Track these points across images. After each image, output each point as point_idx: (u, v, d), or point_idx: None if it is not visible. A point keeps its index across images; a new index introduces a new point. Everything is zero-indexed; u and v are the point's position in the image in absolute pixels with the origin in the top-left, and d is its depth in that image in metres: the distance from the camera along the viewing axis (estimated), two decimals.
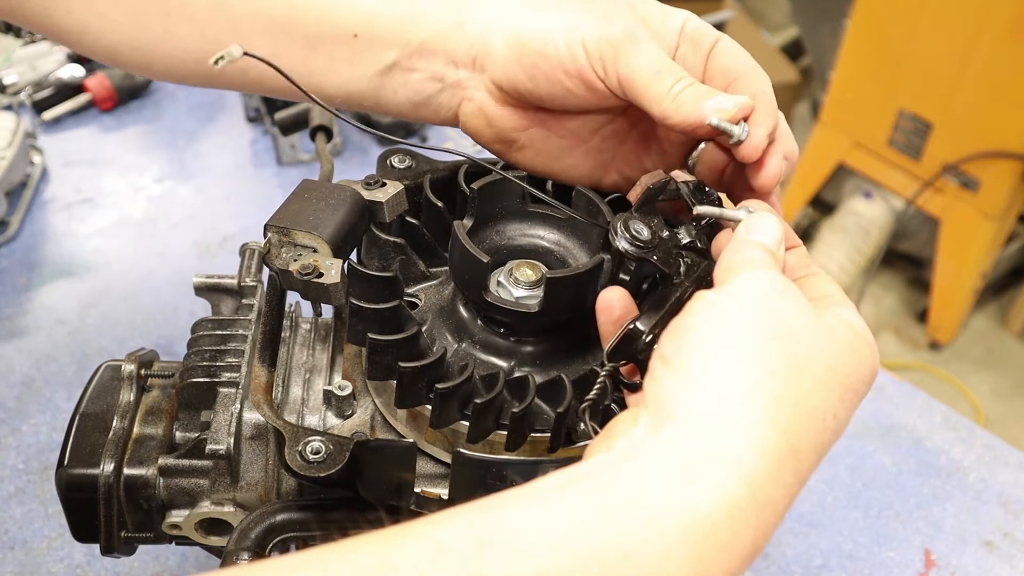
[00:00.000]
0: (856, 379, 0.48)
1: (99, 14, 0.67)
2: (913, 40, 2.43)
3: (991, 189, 2.43)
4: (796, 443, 0.43)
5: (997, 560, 0.96)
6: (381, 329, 0.59)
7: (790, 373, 0.45)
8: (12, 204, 1.27)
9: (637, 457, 0.42)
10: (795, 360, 0.45)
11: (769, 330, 0.45)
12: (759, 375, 0.44)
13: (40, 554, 0.89)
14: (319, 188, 0.63)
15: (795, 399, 0.44)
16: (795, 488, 0.44)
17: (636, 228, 0.55)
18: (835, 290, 0.53)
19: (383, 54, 0.66)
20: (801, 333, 0.46)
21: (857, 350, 0.48)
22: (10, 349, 1.09)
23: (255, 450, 0.65)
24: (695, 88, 0.58)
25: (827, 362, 0.46)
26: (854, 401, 0.48)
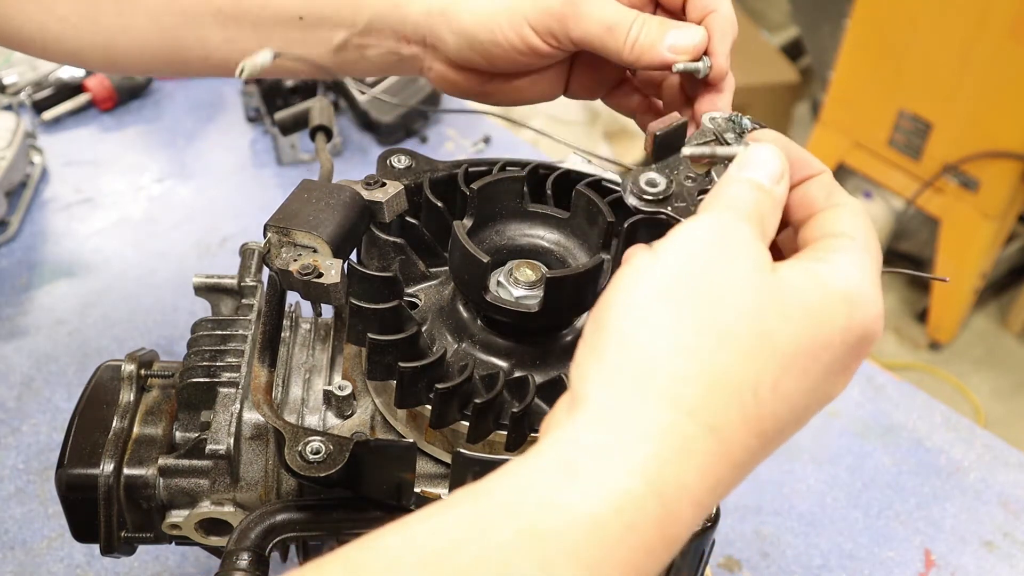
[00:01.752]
0: (811, 343, 0.42)
1: (58, 17, 0.69)
2: (913, 40, 2.43)
3: (991, 189, 2.43)
4: (711, 421, 0.39)
5: (997, 560, 0.96)
6: (381, 329, 0.59)
7: (704, 344, 0.40)
8: (12, 204, 1.27)
9: (525, 458, 0.39)
10: (714, 329, 0.40)
11: (687, 297, 0.41)
12: (665, 352, 0.40)
13: (40, 554, 0.89)
14: (319, 188, 0.63)
15: (710, 374, 0.40)
16: (717, 467, 0.40)
17: (649, 180, 0.50)
18: (850, 225, 0.46)
19: (332, 34, 0.68)
20: (729, 295, 0.41)
21: (817, 309, 0.42)
22: (10, 349, 1.09)
23: (255, 450, 0.65)
24: (648, 30, 0.59)
25: (760, 329, 0.41)
26: (812, 367, 0.42)
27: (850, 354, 0.43)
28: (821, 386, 0.43)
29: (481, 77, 0.68)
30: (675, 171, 0.51)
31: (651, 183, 0.50)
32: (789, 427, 0.43)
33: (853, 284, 0.43)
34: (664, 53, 0.58)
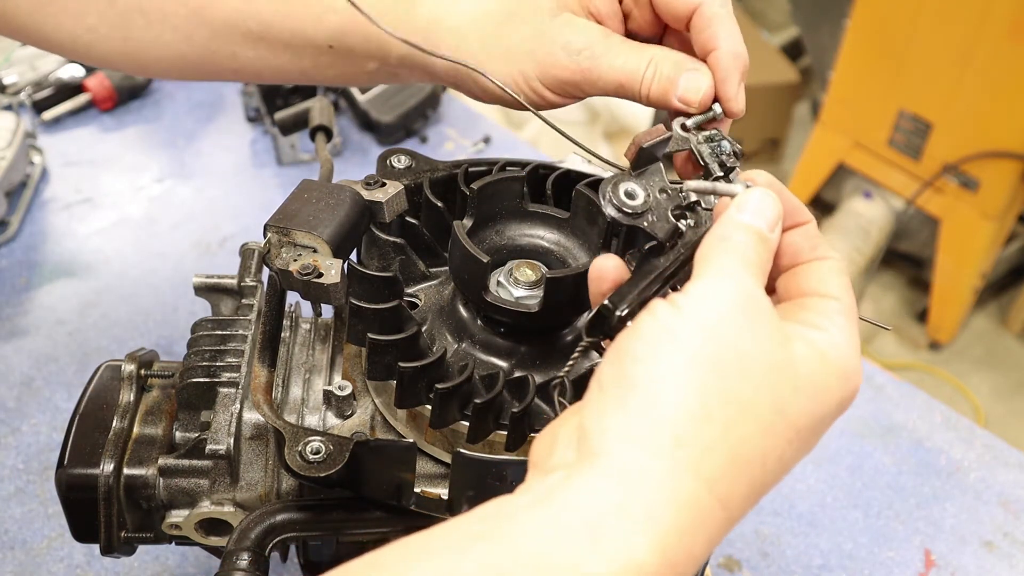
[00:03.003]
0: (812, 417, 0.44)
1: (87, 27, 0.69)
2: (913, 40, 2.43)
3: (991, 189, 2.43)
4: (725, 494, 0.40)
5: (997, 560, 0.96)
6: (381, 329, 0.59)
7: (728, 416, 0.41)
8: (12, 204, 1.27)
9: (549, 505, 0.39)
10: (738, 401, 0.41)
11: (715, 363, 0.41)
12: (691, 418, 0.40)
13: (40, 554, 0.89)
14: (319, 188, 0.63)
15: (730, 446, 0.40)
16: (719, 536, 0.41)
17: (628, 190, 0.50)
18: (835, 285, 0.47)
19: (364, 64, 0.68)
20: (752, 367, 0.42)
21: (821, 384, 0.44)
22: (10, 349, 1.09)
23: (255, 450, 0.65)
24: (660, 77, 0.58)
25: (777, 404, 0.42)
26: (810, 439, 0.44)
27: (835, 419, 0.46)
28: (805, 451, 0.45)
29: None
30: (651, 182, 0.51)
31: (630, 195, 0.50)
32: (767, 492, 0.45)
33: (847, 357, 0.45)
34: (675, 103, 0.58)
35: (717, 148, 0.55)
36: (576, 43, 0.60)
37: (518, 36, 0.61)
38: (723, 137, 0.56)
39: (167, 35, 0.69)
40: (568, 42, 0.60)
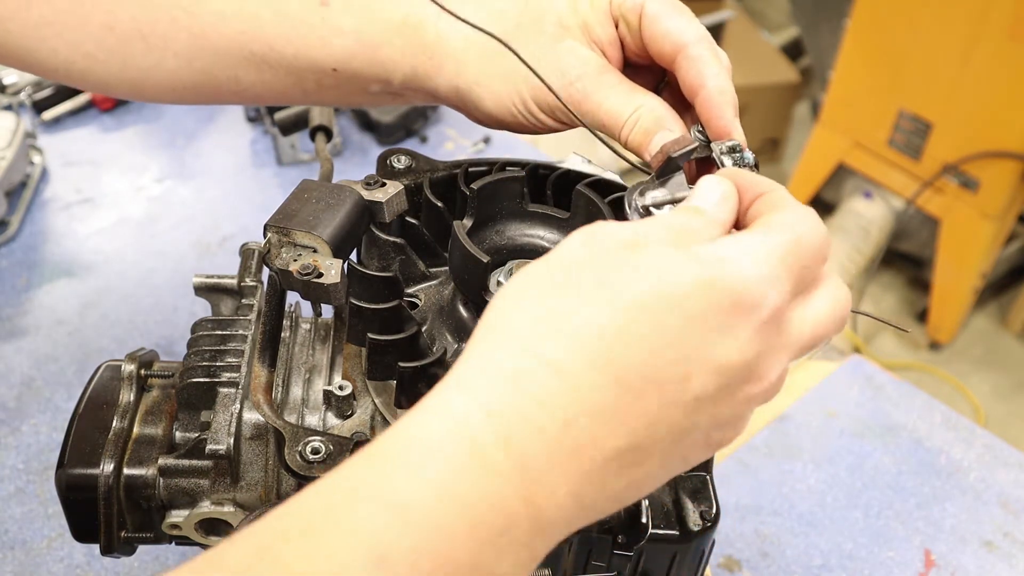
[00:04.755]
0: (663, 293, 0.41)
1: (84, 54, 0.68)
2: (913, 40, 2.43)
3: (991, 189, 2.43)
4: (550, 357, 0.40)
5: (997, 560, 0.96)
6: (381, 329, 0.59)
7: (548, 295, 0.42)
8: (12, 204, 1.27)
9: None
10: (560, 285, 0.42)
11: (547, 273, 0.43)
12: (518, 313, 0.42)
13: (40, 554, 0.89)
14: (319, 188, 0.63)
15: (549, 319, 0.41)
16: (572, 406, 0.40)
17: (653, 196, 0.52)
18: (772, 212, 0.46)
19: (367, 86, 0.68)
20: (582, 261, 0.43)
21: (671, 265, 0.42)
22: (10, 349, 1.09)
23: (255, 450, 0.65)
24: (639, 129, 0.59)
25: (602, 278, 0.42)
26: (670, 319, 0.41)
27: (723, 313, 0.42)
28: (691, 339, 0.41)
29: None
30: (675, 190, 0.52)
31: (657, 205, 0.51)
32: (666, 380, 0.41)
33: (716, 248, 0.43)
34: (647, 158, 0.59)
35: (740, 159, 0.56)
36: (571, 72, 0.60)
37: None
38: (744, 149, 0.56)
39: (168, 61, 0.68)
40: (564, 71, 0.60)
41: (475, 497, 0.38)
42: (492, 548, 0.38)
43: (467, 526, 0.38)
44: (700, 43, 0.58)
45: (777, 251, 0.44)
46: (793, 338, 0.45)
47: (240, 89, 0.70)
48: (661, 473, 0.44)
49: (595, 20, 0.61)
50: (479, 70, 0.63)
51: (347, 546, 0.37)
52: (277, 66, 0.67)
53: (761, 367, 0.44)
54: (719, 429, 0.45)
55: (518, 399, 0.40)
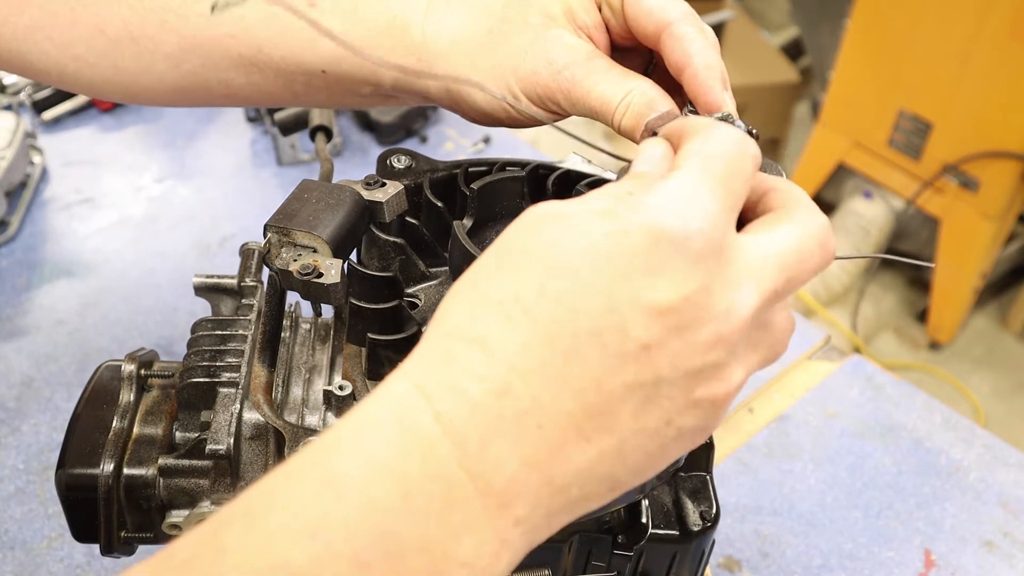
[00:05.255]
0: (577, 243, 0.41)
1: (74, 56, 0.68)
2: (913, 40, 2.43)
3: (991, 189, 2.43)
4: (473, 334, 0.40)
5: (997, 560, 0.96)
6: (381, 329, 0.59)
7: (471, 275, 0.43)
8: (12, 204, 1.27)
9: None
10: (484, 262, 0.43)
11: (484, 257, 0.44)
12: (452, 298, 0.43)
13: (40, 554, 0.89)
14: (319, 188, 0.63)
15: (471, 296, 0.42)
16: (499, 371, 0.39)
17: None
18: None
19: (358, 88, 0.68)
20: (510, 234, 0.43)
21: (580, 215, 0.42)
22: (10, 349, 1.09)
23: (255, 450, 0.65)
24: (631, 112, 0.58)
25: (522, 245, 0.42)
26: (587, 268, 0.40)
27: (644, 252, 0.40)
28: (616, 286, 0.40)
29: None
30: None
31: None
32: (600, 331, 0.39)
33: (635, 203, 0.41)
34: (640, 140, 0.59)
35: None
36: (559, 61, 0.59)
37: (503, 52, 0.61)
38: (735, 119, 0.54)
39: (159, 64, 0.68)
40: (551, 60, 0.60)
41: (407, 468, 0.38)
42: (439, 524, 0.37)
43: (400, 497, 0.37)
44: (684, 20, 0.57)
45: (690, 179, 0.42)
46: (751, 267, 0.42)
47: (230, 92, 0.70)
48: (645, 442, 0.41)
49: (579, 6, 0.61)
50: (467, 65, 0.63)
51: (281, 523, 0.37)
52: (266, 68, 0.67)
53: (714, 302, 0.40)
54: (697, 381, 0.41)
55: (448, 374, 0.39)
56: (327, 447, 0.39)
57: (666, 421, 0.41)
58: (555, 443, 0.39)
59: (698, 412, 0.42)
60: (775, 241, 0.44)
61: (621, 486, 0.42)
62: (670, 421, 0.41)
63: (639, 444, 0.41)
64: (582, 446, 0.40)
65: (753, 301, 0.42)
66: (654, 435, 0.41)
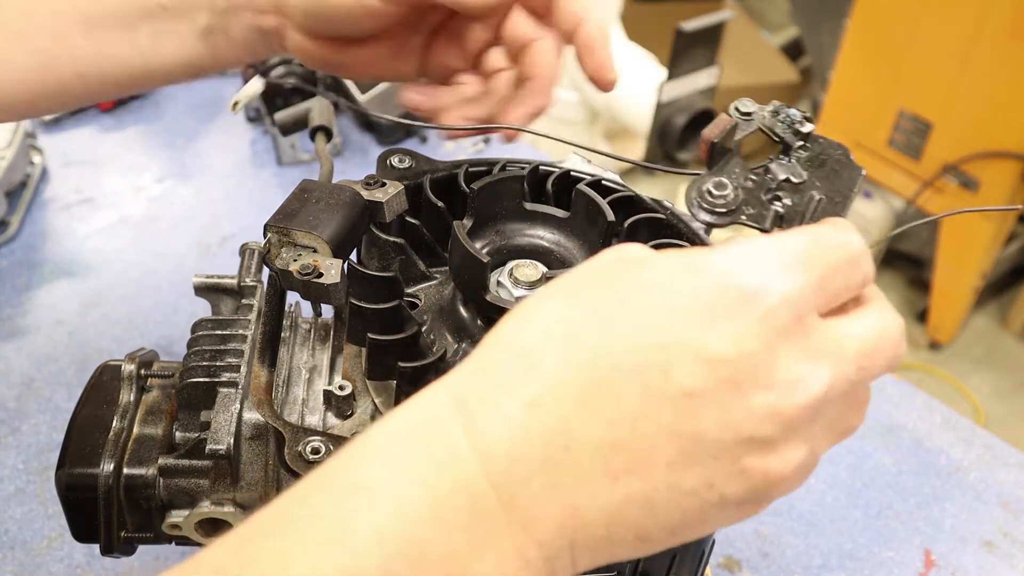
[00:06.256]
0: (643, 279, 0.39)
1: None
2: (913, 40, 2.43)
3: (991, 189, 2.43)
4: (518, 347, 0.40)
5: (997, 560, 0.96)
6: (381, 329, 0.59)
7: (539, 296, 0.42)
8: (12, 204, 1.27)
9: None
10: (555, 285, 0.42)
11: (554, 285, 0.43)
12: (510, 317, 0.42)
13: (40, 554, 0.89)
14: (319, 188, 0.63)
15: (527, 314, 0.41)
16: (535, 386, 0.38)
17: (713, 188, 0.47)
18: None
19: (196, 19, 0.69)
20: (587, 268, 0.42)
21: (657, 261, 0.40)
22: (10, 349, 1.09)
23: (255, 450, 0.65)
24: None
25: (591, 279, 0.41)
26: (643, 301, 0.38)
27: (711, 296, 0.38)
28: (671, 324, 0.38)
29: (335, 46, 0.70)
30: (732, 174, 0.48)
31: (720, 187, 0.47)
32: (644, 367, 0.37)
33: (717, 248, 0.40)
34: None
35: (787, 119, 0.52)
36: None
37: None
38: (788, 106, 0.52)
39: (10, 47, 0.68)
40: None
41: (436, 477, 0.37)
42: (465, 536, 0.37)
43: (429, 506, 0.37)
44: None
45: (788, 247, 0.39)
46: (829, 347, 0.39)
47: (81, 70, 0.70)
48: (680, 500, 0.38)
49: None
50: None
51: (311, 531, 0.37)
52: (108, 21, 0.68)
53: (778, 371, 0.37)
54: (747, 449, 0.37)
55: (484, 384, 0.39)
56: (358, 454, 0.39)
57: (707, 483, 0.38)
58: (581, 471, 0.37)
59: (746, 483, 0.38)
60: (858, 327, 0.41)
61: (651, 540, 0.39)
62: (712, 484, 0.38)
63: (673, 500, 0.38)
64: (608, 483, 0.37)
65: (826, 380, 0.38)
66: (691, 495, 0.38)
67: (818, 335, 0.39)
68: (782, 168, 0.49)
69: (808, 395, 0.38)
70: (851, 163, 0.51)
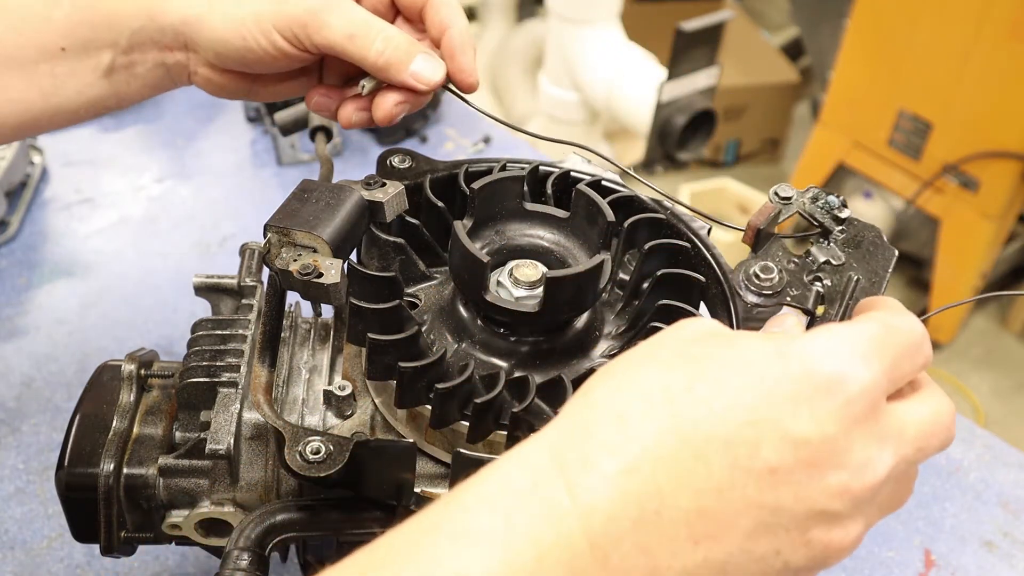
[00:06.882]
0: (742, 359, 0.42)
1: None
2: (913, 40, 2.43)
3: (991, 189, 2.43)
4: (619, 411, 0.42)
5: (997, 560, 0.96)
6: (381, 329, 0.59)
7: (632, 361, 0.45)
8: (12, 204, 1.27)
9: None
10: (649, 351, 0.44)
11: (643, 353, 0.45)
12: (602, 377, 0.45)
13: (40, 554, 0.89)
14: (319, 188, 0.63)
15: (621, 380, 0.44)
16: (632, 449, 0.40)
17: (760, 272, 0.51)
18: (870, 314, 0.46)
19: (98, 58, 0.68)
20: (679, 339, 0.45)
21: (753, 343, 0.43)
22: (10, 349, 1.09)
23: (255, 450, 0.65)
24: (397, 48, 0.64)
25: (687, 351, 0.43)
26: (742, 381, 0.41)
27: (798, 383, 0.41)
28: (761, 405, 0.41)
29: (246, 78, 0.71)
30: (776, 258, 0.52)
31: (766, 271, 0.50)
32: (733, 442, 0.40)
33: (802, 336, 0.43)
34: (407, 79, 0.65)
35: (825, 204, 0.56)
36: (314, 2, 0.63)
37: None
38: (827, 192, 0.56)
39: None
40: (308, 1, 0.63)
41: (541, 531, 0.39)
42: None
43: (534, 558, 0.39)
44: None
45: (864, 335, 0.43)
46: (893, 430, 0.43)
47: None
48: (750, 565, 0.41)
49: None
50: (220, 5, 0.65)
51: (428, 569, 0.39)
52: (8, 65, 0.67)
53: (853, 453, 0.41)
54: (815, 521, 0.41)
55: (583, 444, 0.41)
56: (464, 504, 0.41)
57: (776, 551, 0.41)
58: (667, 535, 0.40)
59: (808, 553, 0.42)
60: (916, 412, 0.45)
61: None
62: (779, 552, 0.41)
63: (744, 565, 0.41)
64: (689, 547, 0.40)
65: (890, 462, 0.42)
66: (760, 561, 0.41)
67: (885, 420, 0.43)
68: (822, 251, 0.52)
69: (876, 476, 0.42)
70: (884, 244, 0.55)
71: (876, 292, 0.51)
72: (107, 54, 0.68)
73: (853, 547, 0.44)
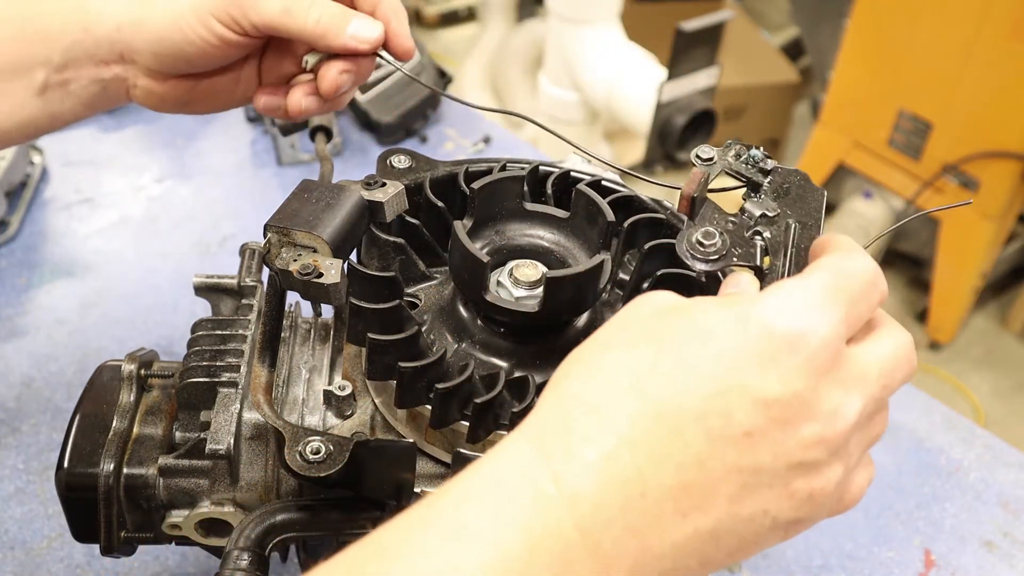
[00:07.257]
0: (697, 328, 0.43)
1: None
2: (913, 40, 2.43)
3: (991, 189, 2.43)
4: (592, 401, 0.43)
5: (997, 560, 0.96)
6: (381, 329, 0.59)
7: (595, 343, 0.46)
8: (12, 204, 1.27)
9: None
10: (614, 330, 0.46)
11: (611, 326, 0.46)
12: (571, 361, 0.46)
13: (40, 554, 0.89)
14: (319, 188, 0.63)
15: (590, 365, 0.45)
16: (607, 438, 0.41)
17: (702, 238, 0.51)
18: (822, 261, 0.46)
19: (31, 77, 0.67)
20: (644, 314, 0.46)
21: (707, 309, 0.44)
22: (10, 349, 1.09)
23: (255, 450, 0.65)
24: (331, 14, 0.65)
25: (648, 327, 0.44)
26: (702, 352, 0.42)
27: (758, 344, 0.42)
28: (727, 373, 0.41)
29: (185, 84, 0.70)
30: (714, 221, 0.52)
31: (708, 237, 0.51)
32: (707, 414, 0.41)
33: (755, 296, 0.44)
34: (348, 40, 0.65)
35: (749, 159, 0.56)
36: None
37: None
38: (748, 146, 0.56)
39: None
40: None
41: (531, 524, 0.40)
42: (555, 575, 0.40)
43: (527, 550, 0.39)
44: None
45: (816, 287, 0.43)
46: (857, 374, 0.44)
47: None
48: (739, 527, 0.42)
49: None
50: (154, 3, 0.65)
51: (421, 562, 0.40)
52: None
53: (821, 403, 0.42)
54: (795, 474, 0.42)
55: (563, 436, 0.42)
56: (455, 499, 0.42)
57: (762, 510, 0.42)
58: (654, 513, 0.41)
59: (794, 504, 0.43)
60: (876, 351, 0.45)
61: (712, 564, 0.43)
62: (766, 510, 0.42)
63: (733, 528, 0.42)
64: (678, 521, 0.41)
65: (858, 406, 0.43)
66: (749, 522, 0.42)
67: (848, 366, 0.44)
68: (756, 205, 0.52)
69: (847, 421, 0.43)
70: (811, 186, 0.54)
71: (815, 234, 0.51)
72: (40, 72, 0.66)
73: (836, 492, 0.44)
